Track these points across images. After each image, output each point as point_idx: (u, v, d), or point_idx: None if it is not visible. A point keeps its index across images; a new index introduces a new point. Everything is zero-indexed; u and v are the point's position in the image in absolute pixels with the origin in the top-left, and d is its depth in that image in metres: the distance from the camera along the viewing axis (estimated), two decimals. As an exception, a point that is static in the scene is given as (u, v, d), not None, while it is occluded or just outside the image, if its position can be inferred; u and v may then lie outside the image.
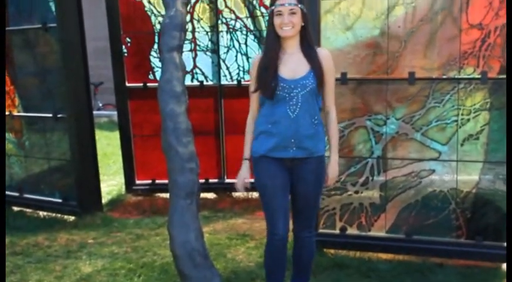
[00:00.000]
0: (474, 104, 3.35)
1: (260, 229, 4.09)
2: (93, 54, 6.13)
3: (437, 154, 3.46)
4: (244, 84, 5.03)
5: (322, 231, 3.67)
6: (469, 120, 3.37)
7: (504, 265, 3.40)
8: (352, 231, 3.65)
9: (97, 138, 4.92)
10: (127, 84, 5.15)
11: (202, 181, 4.96)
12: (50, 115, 4.66)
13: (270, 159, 2.69)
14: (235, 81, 5.14)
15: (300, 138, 2.64)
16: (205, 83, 5.16)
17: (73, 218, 4.66)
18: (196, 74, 5.16)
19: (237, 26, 5.04)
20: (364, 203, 3.61)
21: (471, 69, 3.32)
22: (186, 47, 4.94)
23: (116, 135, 5.59)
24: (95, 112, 5.54)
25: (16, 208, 5.00)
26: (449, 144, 3.42)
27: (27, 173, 5.03)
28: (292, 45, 2.67)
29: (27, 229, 4.44)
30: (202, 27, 5.08)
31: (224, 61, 5.11)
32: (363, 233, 3.64)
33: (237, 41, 5.07)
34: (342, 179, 3.60)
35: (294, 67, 2.64)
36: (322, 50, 2.76)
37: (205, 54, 5.13)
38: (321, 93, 2.70)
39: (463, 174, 3.43)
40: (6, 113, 4.88)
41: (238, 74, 5.13)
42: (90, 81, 4.85)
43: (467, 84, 3.35)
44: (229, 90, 5.14)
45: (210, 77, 5.17)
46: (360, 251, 3.65)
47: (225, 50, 5.09)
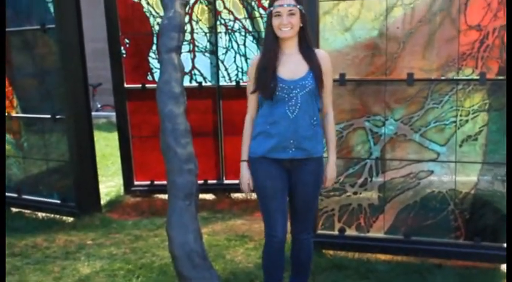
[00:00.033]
0: (473, 105, 3.36)
1: (259, 230, 4.09)
2: (91, 56, 6.13)
3: (435, 155, 3.46)
4: (242, 85, 5.02)
5: (320, 232, 3.67)
6: (467, 121, 3.37)
7: (503, 266, 3.41)
8: (350, 232, 3.65)
9: (95, 139, 4.92)
10: (125, 85, 5.15)
11: (201, 182, 4.95)
12: (49, 116, 4.65)
13: (269, 161, 2.68)
14: (233, 82, 5.14)
15: (299, 139, 2.63)
16: (203, 84, 5.16)
17: (72, 219, 4.66)
18: (195, 75, 5.16)
19: (236, 27, 5.04)
20: (362, 204, 3.61)
21: (470, 70, 3.33)
22: (185, 48, 4.94)
23: (115, 136, 5.58)
24: (93, 113, 5.53)
25: (15, 209, 4.99)
26: (448, 145, 3.43)
27: (26, 174, 5.03)
28: (290, 46, 2.67)
29: (26, 230, 4.43)
30: (201, 28, 5.08)
31: (223, 62, 5.11)
32: (362, 234, 3.64)
33: (236, 42, 5.07)
34: (340, 180, 3.60)
35: (293, 68, 2.64)
36: (321, 51, 2.76)
37: (204, 55, 5.13)
38: (320, 94, 2.69)
39: (462, 175, 3.43)
40: (5, 113, 4.89)
41: (237, 75, 5.13)
42: (89, 83, 4.85)
43: (465, 85, 3.35)
44: (228, 91, 5.14)
45: (209, 78, 5.17)
46: (359, 252, 3.65)
47: (224, 51, 5.09)
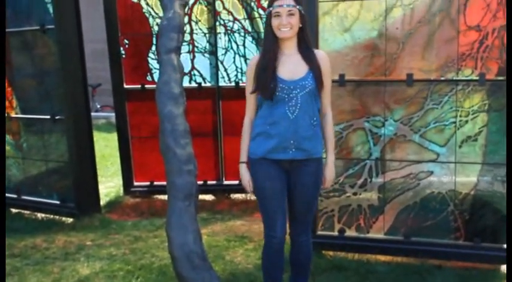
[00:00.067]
0: (472, 106, 3.35)
1: (258, 231, 4.09)
2: (91, 56, 6.13)
3: (435, 156, 3.46)
4: (242, 85, 5.01)
5: (320, 233, 3.67)
6: (467, 121, 3.37)
7: (503, 267, 3.41)
8: (350, 233, 3.65)
9: (95, 139, 4.92)
10: (125, 86, 5.14)
11: (201, 183, 4.94)
12: (48, 117, 4.65)
13: (268, 161, 2.67)
14: (233, 83, 5.13)
15: (299, 139, 2.62)
16: (203, 84, 5.16)
17: (71, 220, 4.65)
18: (194, 75, 5.16)
19: (235, 27, 5.04)
20: (362, 205, 3.61)
21: (469, 71, 3.32)
22: (184, 48, 4.93)
23: (114, 137, 5.57)
24: (92, 114, 5.51)
25: (14, 210, 4.99)
26: (448, 146, 3.42)
27: (25, 175, 5.02)
28: (290, 46, 2.66)
29: (25, 231, 4.43)
30: (200, 29, 5.08)
31: (222, 63, 5.11)
32: (362, 235, 3.63)
33: (235, 42, 5.07)
34: (340, 181, 3.60)
35: (293, 68, 2.63)
36: (320, 52, 2.76)
37: (203, 56, 5.13)
38: (320, 94, 2.68)
39: (461, 176, 3.43)
40: (4, 114, 4.88)
41: (236, 75, 5.12)
42: (88, 83, 4.85)
43: (465, 85, 3.35)
44: (227, 92, 5.14)
45: (208, 78, 5.17)
46: (359, 253, 3.64)
47: (223, 51, 5.09)
